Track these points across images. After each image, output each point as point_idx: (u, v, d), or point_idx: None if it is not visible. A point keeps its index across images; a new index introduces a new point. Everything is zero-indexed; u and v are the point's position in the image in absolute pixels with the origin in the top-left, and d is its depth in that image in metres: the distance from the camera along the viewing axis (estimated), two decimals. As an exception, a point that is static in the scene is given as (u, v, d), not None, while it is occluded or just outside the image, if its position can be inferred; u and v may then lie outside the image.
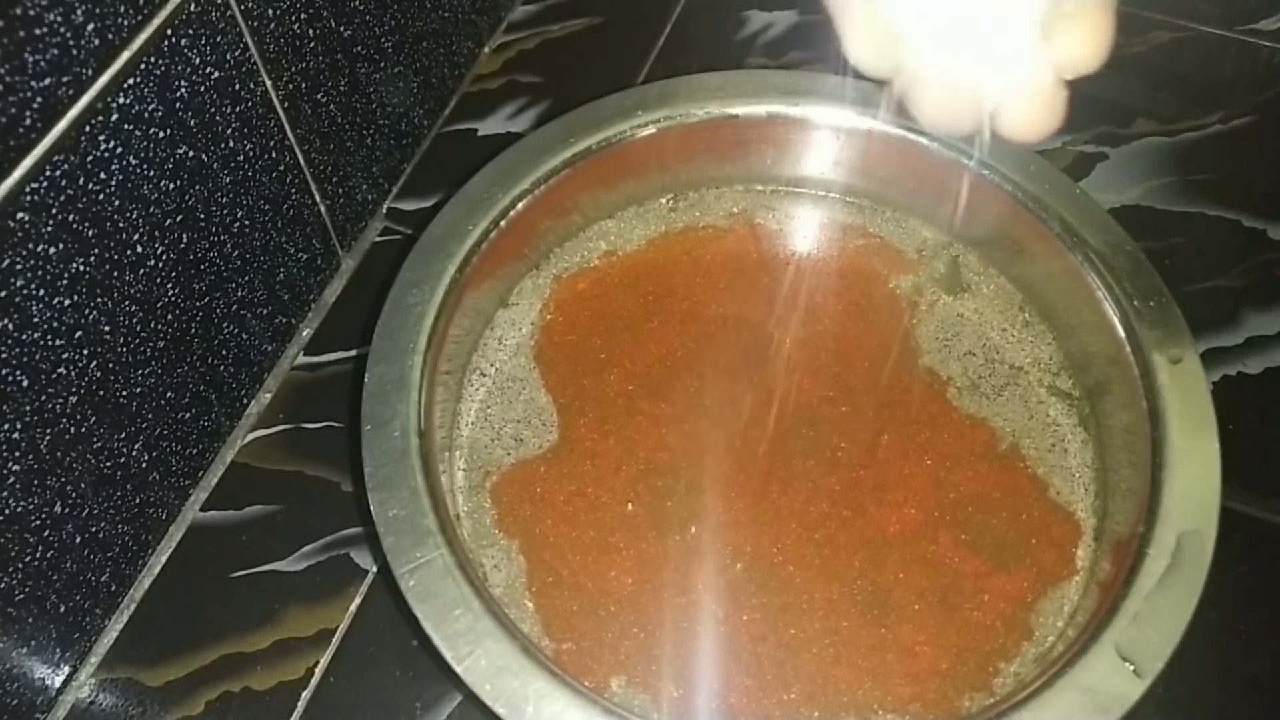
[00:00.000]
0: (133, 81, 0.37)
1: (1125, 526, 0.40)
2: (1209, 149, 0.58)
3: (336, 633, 0.45)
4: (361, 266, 0.56)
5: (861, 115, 0.49)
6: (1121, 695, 0.35)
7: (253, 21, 0.43)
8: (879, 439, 0.45)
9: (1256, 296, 0.53)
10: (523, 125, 0.60)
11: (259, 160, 0.46)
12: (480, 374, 0.48)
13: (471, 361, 0.48)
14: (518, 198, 0.46)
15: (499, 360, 0.48)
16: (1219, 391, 0.49)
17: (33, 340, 0.36)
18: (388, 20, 0.52)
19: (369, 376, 0.41)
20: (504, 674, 0.35)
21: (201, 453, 0.48)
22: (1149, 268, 0.44)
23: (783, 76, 0.51)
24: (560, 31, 0.65)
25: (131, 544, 0.45)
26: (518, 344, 0.48)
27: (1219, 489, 0.39)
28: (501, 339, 0.49)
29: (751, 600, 0.41)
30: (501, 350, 0.48)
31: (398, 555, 0.37)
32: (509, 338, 0.49)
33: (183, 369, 0.45)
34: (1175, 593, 0.37)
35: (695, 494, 0.44)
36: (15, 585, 0.39)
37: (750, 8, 0.65)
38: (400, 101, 0.56)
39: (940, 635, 0.41)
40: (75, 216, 0.37)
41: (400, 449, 0.39)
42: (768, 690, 0.40)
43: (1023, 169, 0.47)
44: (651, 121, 0.49)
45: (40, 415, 0.38)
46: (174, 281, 0.43)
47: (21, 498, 0.38)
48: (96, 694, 0.44)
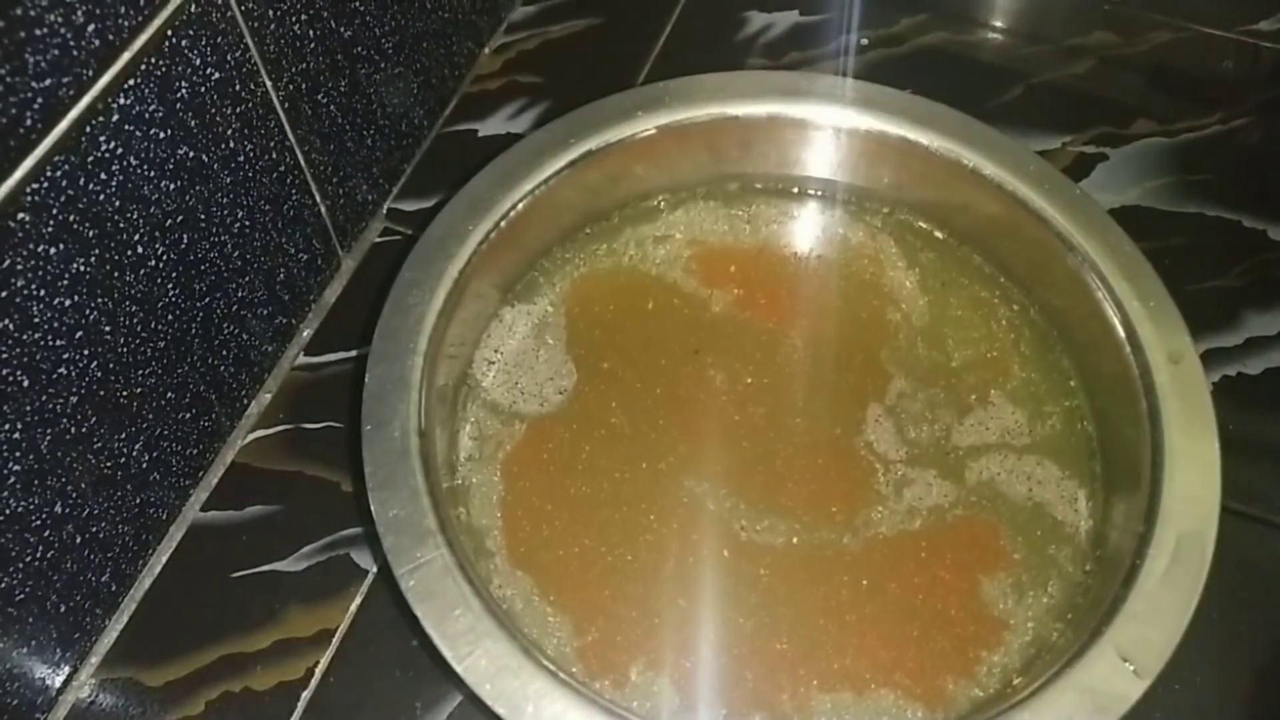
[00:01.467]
0: (133, 82, 0.37)
1: (1125, 526, 0.40)
2: (1209, 149, 0.58)
3: (336, 633, 0.45)
4: (362, 267, 0.56)
5: (861, 115, 0.49)
6: (1122, 695, 0.35)
7: (253, 22, 0.43)
8: (876, 435, 0.45)
9: (1256, 297, 0.53)
10: (523, 126, 0.60)
11: (259, 161, 0.46)
12: (480, 372, 0.48)
13: (471, 361, 0.48)
14: (518, 198, 0.47)
15: (499, 359, 0.48)
16: (1219, 392, 0.49)
17: (33, 340, 0.37)
18: (388, 21, 0.53)
19: (369, 377, 0.41)
20: (504, 674, 0.35)
21: (202, 453, 0.48)
22: (1148, 268, 0.44)
23: (783, 77, 0.51)
24: (560, 32, 0.65)
25: (132, 544, 0.45)
26: (518, 343, 0.48)
27: (1219, 489, 0.39)
28: (501, 339, 0.49)
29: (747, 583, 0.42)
30: (502, 349, 0.48)
31: (398, 555, 0.37)
32: (509, 337, 0.49)
33: (183, 369, 0.45)
34: (1175, 593, 0.37)
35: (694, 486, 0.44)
36: (16, 585, 0.39)
37: (750, 8, 0.65)
38: (400, 102, 0.56)
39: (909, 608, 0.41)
40: (76, 217, 0.37)
41: (400, 449, 0.39)
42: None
43: (1022, 169, 0.47)
44: (651, 122, 0.49)
45: (41, 415, 0.38)
46: (174, 282, 0.43)
47: (22, 498, 0.38)
48: (97, 694, 0.44)
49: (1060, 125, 0.59)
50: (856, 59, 0.63)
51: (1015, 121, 0.59)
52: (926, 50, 0.63)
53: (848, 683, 0.40)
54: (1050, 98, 0.61)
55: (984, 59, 0.64)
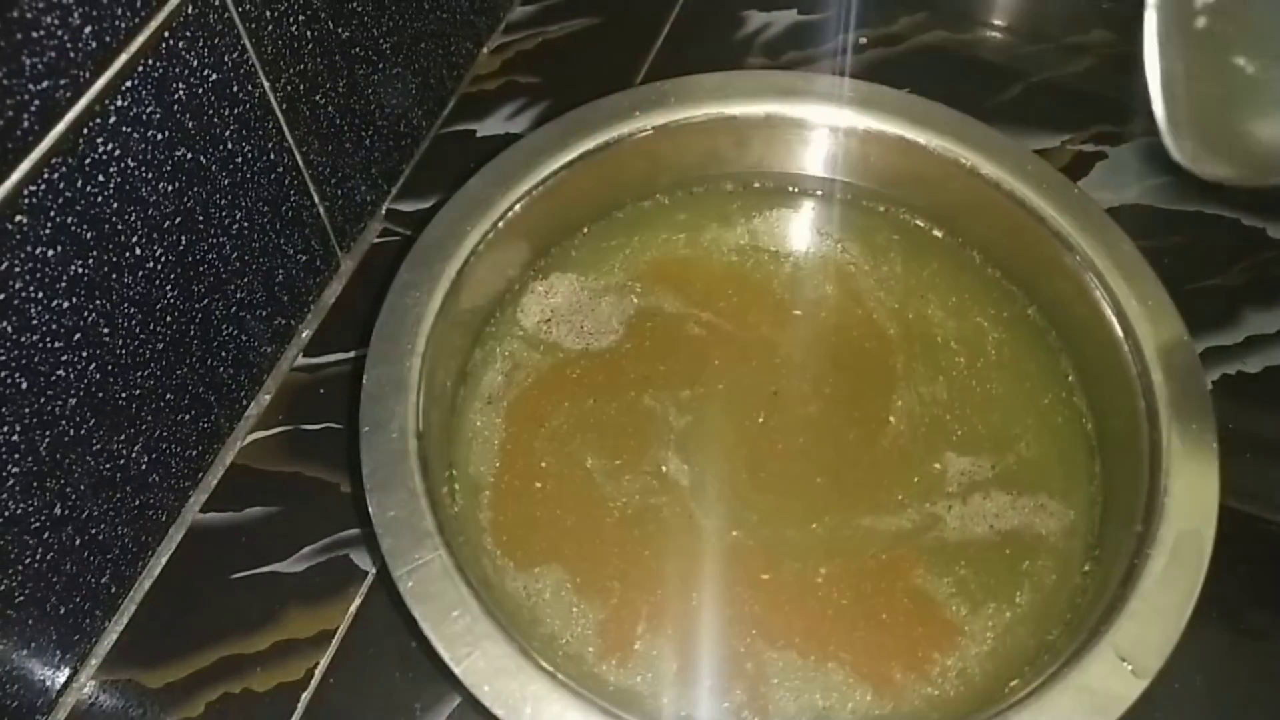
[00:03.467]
0: (130, 84, 0.37)
1: (1124, 526, 0.40)
2: (1208, 148, 0.58)
3: (336, 634, 0.45)
4: (361, 267, 0.56)
5: (859, 115, 0.49)
6: (1120, 695, 0.35)
7: (250, 23, 0.43)
8: (873, 432, 0.45)
9: (1255, 295, 0.53)
10: (521, 126, 0.60)
11: (258, 162, 0.46)
12: (479, 372, 0.48)
13: (470, 361, 0.48)
14: (516, 199, 0.47)
15: (499, 358, 0.48)
16: (1218, 391, 0.49)
17: (32, 343, 0.37)
18: (386, 21, 0.53)
19: (367, 378, 0.41)
20: (502, 675, 0.35)
21: (201, 454, 0.48)
22: (1147, 267, 0.44)
23: (781, 76, 0.51)
24: (559, 32, 0.65)
25: (131, 546, 0.45)
26: (518, 342, 0.48)
27: (1218, 489, 0.39)
28: (502, 338, 0.49)
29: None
30: (501, 348, 0.48)
31: (396, 556, 0.37)
32: (509, 336, 0.49)
33: (182, 371, 0.45)
34: (1174, 592, 0.37)
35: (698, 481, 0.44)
36: (15, 587, 0.39)
37: (749, 7, 0.65)
38: (399, 103, 0.56)
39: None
40: (74, 219, 0.37)
41: (399, 450, 0.39)
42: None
43: (1020, 169, 0.47)
44: (650, 122, 0.49)
45: (40, 417, 0.38)
46: (173, 283, 0.43)
47: (21, 500, 0.38)
48: (97, 695, 0.44)
49: (1059, 124, 0.59)
50: (855, 58, 0.63)
51: (1014, 120, 0.59)
52: (925, 49, 0.63)
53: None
54: (1049, 97, 0.61)
55: (983, 58, 0.63)
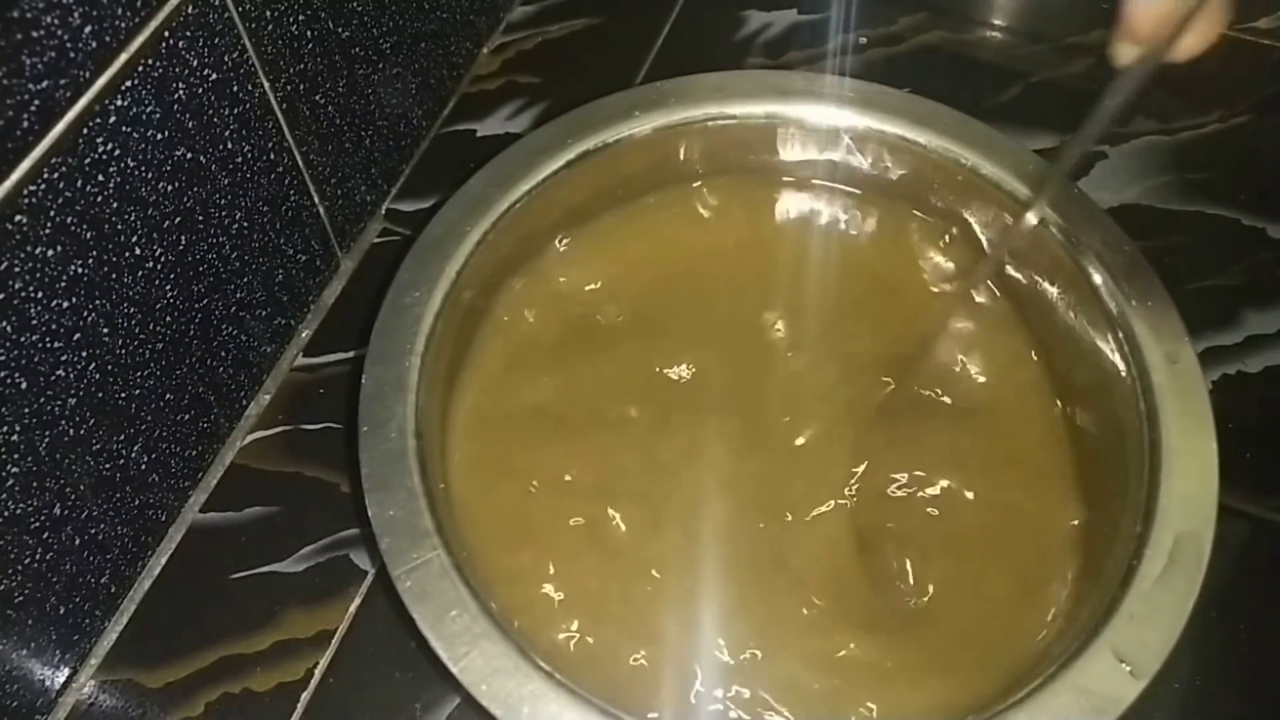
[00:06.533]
0: (130, 84, 0.37)
1: (1122, 527, 0.40)
2: (1208, 147, 0.58)
3: (336, 634, 0.45)
4: (360, 267, 0.56)
5: (859, 115, 0.49)
6: (1118, 696, 0.35)
7: (250, 23, 0.43)
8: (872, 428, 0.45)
9: (1256, 295, 0.53)
10: (521, 126, 0.60)
11: (257, 162, 0.46)
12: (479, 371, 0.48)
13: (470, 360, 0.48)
14: (516, 198, 0.47)
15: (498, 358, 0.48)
16: (1218, 390, 0.49)
17: (31, 343, 0.37)
18: (386, 21, 0.53)
19: (366, 378, 0.41)
20: (500, 674, 0.35)
21: (201, 454, 0.48)
22: (1147, 267, 0.44)
23: (781, 76, 0.51)
24: (559, 32, 0.65)
25: (131, 546, 0.45)
26: (518, 342, 0.48)
27: (1217, 489, 0.39)
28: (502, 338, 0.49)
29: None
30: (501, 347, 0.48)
31: (394, 556, 0.37)
32: (509, 336, 0.49)
33: (182, 371, 0.45)
34: (1172, 593, 0.36)
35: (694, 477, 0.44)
36: (15, 587, 0.39)
37: (749, 7, 0.65)
38: (399, 102, 0.56)
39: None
40: (73, 219, 0.37)
41: (397, 450, 0.39)
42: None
43: (1020, 169, 0.47)
44: (650, 122, 0.49)
45: (39, 417, 0.38)
46: (173, 283, 0.43)
47: (21, 500, 0.38)
48: (96, 695, 0.44)
49: (1059, 124, 0.59)
50: (855, 58, 0.63)
51: (1014, 120, 0.58)
52: (925, 49, 0.63)
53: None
54: (1049, 97, 0.60)
55: (983, 58, 0.63)
